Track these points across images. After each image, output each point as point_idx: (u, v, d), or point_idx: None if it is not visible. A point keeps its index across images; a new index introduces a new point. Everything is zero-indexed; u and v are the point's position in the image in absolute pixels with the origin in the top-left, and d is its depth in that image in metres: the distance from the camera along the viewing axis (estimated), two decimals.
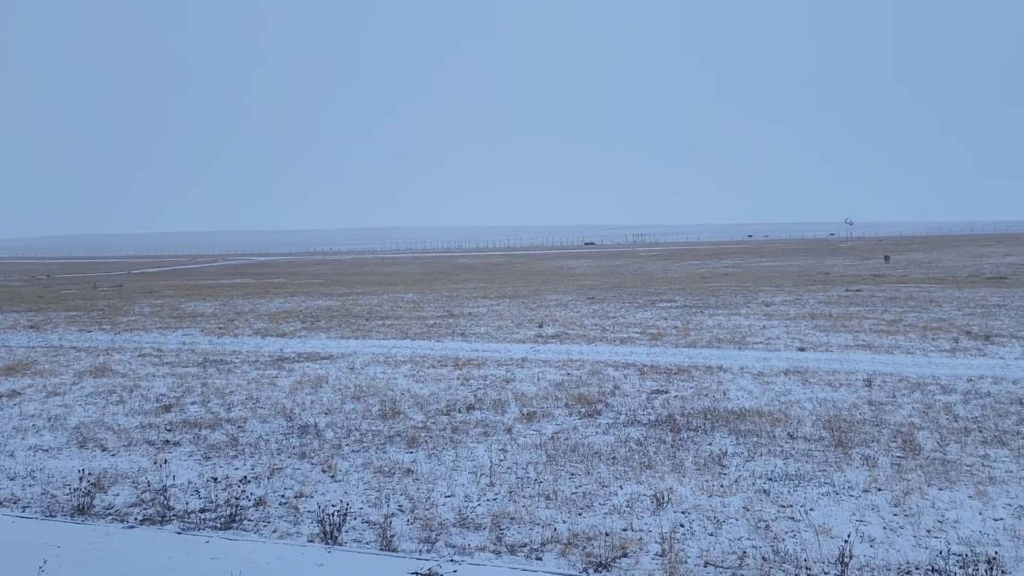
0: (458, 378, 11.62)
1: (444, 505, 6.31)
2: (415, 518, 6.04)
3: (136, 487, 6.94)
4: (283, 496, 6.64)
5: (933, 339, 14.06)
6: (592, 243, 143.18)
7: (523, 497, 6.41)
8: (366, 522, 6.00)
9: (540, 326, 17.57)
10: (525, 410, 9.36)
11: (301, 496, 6.62)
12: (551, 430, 8.46)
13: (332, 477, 7.09)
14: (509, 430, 8.52)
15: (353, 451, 7.89)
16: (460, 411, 9.47)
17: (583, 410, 9.32)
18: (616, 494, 6.41)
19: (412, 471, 7.18)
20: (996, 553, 4.99)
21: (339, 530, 5.69)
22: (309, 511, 6.24)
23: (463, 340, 15.70)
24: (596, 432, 8.34)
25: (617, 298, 25.02)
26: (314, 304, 25.17)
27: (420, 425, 8.86)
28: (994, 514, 5.70)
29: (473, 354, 13.79)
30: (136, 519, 6.22)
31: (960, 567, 4.80)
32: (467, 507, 6.25)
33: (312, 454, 7.81)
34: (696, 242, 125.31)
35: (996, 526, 5.49)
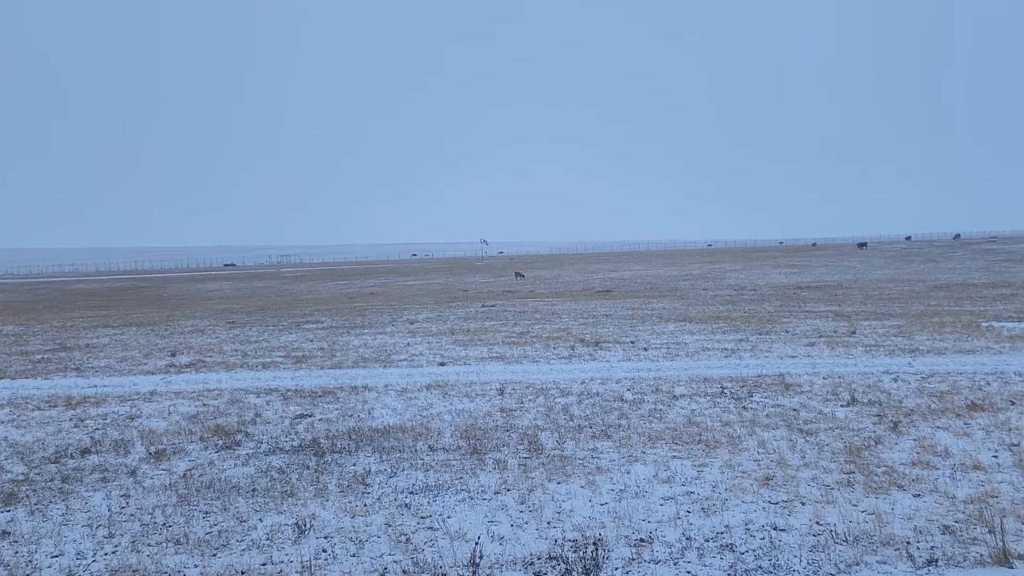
0: (71, 419, 10.22)
1: (50, 567, 5.45)
2: None
3: None
4: None
5: (555, 347, 15.67)
6: (233, 264, 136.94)
7: (148, 545, 5.80)
8: None
9: (173, 355, 16.22)
10: (153, 449, 8.52)
11: None
12: (183, 467, 7.80)
13: None
14: (133, 473, 7.68)
15: None
16: (73, 457, 8.32)
17: (220, 442, 8.75)
18: (255, 528, 6.08)
19: (9, 532, 6.11)
20: (601, 534, 5.66)
21: None
22: None
23: (79, 376, 13.89)
24: (235, 464, 7.87)
25: (260, 321, 24.09)
26: None
27: (21, 478, 7.60)
28: (600, 500, 6.46)
29: (91, 391, 12.25)
30: None
31: (573, 551, 5.35)
32: (79, 565, 5.47)
33: None
34: (343, 262, 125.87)
35: (602, 510, 6.22)
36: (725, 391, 10.74)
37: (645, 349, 15.14)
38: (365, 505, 6.52)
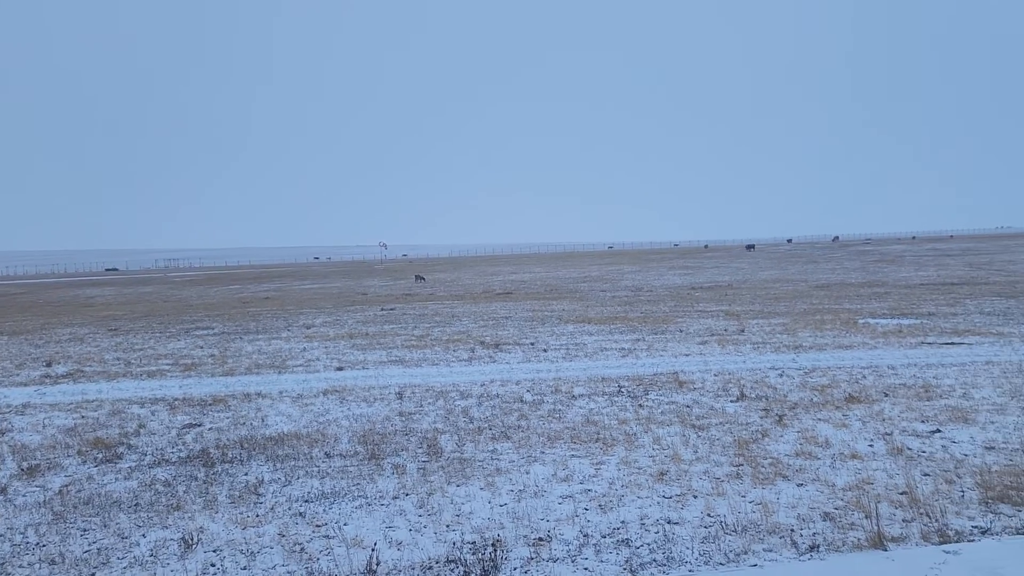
0: None
1: None
2: None
3: None
4: None
5: (455, 350, 15.61)
6: (115, 269, 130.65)
7: (20, 567, 5.42)
8: None
9: (48, 365, 15.28)
10: (26, 464, 7.98)
11: None
12: (59, 483, 7.33)
13: None
14: (3, 490, 7.17)
15: None
16: None
17: (100, 456, 8.28)
18: (138, 544, 5.78)
19: None
20: (500, 535, 5.66)
21: None
22: None
23: None
24: (116, 479, 7.46)
25: (146, 328, 23.02)
26: None
27: None
28: (500, 501, 6.46)
29: None
30: None
31: (472, 553, 5.33)
32: None
33: None
34: (237, 266, 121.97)
35: (501, 511, 6.22)
36: (622, 390, 10.96)
37: (545, 350, 15.29)
38: (257, 516, 6.30)
